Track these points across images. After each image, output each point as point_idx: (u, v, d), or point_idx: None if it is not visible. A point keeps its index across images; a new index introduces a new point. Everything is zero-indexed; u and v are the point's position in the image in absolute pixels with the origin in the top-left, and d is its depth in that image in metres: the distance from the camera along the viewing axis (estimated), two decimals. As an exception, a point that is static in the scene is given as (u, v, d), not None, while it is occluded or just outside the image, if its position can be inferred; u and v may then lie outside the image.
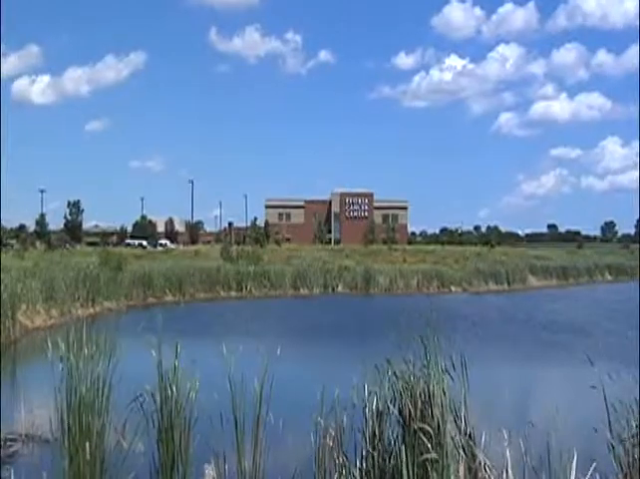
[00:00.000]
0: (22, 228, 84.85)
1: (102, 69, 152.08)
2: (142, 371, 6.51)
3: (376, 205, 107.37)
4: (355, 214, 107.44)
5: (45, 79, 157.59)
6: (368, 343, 14.35)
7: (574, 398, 10.14)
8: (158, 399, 6.16)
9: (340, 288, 35.27)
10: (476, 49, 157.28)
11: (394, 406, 5.42)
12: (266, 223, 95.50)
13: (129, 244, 74.00)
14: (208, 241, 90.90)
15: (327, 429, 5.91)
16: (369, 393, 5.67)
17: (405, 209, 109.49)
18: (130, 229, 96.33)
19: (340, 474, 5.70)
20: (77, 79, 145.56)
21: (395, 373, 5.50)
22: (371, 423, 5.54)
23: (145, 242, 77.25)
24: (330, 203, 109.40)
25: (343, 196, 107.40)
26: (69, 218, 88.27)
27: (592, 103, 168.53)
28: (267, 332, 18.74)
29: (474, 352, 7.01)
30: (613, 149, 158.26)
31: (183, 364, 6.30)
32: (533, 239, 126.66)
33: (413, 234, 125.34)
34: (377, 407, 5.56)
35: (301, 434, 6.46)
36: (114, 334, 6.58)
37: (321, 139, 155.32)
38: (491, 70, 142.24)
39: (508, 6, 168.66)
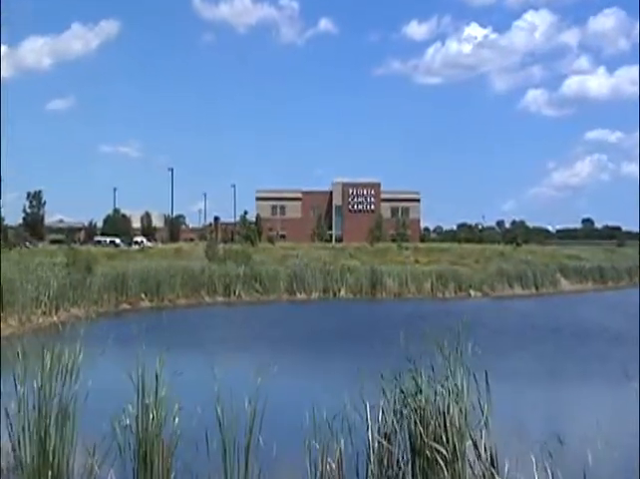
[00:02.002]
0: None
1: (67, 39, 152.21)
2: (115, 389, 6.53)
3: (383, 196, 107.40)
4: (359, 207, 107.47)
5: None
6: (374, 355, 14.36)
7: (611, 418, 10.19)
8: (133, 421, 6.19)
9: (342, 293, 35.28)
10: (499, 16, 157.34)
11: (403, 427, 5.45)
12: (257, 217, 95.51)
13: (99, 243, 73.97)
14: (191, 239, 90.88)
15: (327, 454, 5.94)
16: (374, 412, 5.70)
17: (417, 201, 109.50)
18: (100, 224, 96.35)
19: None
20: (37, 50, 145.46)
21: (403, 390, 5.53)
22: (376, 446, 5.56)
23: (117, 240, 77.19)
24: (331, 194, 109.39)
25: (346, 186, 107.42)
26: (29, 211, 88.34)
27: (634, 78, 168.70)
28: (259, 343, 18.76)
29: (495, 366, 7.04)
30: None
31: (164, 380, 6.33)
32: (566, 235, 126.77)
33: (426, 230, 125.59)
34: (383, 428, 5.58)
35: (298, 460, 6.49)
36: (81, 346, 6.60)
37: (320, 120, 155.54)
38: (518, 40, 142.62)
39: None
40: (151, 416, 6.17)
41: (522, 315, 27.80)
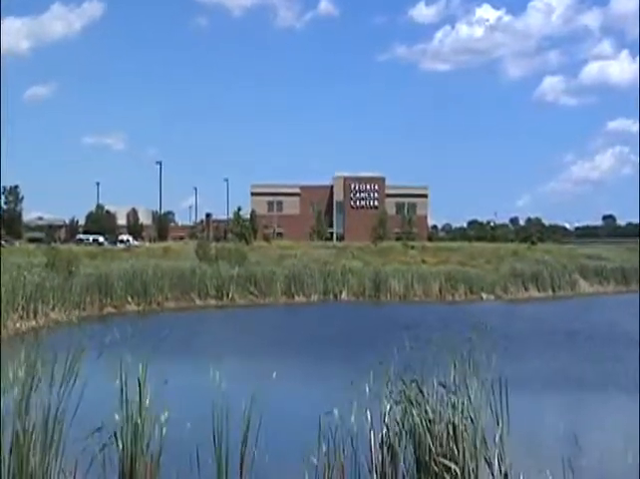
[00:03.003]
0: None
1: (47, 21, 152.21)
2: (99, 399, 6.52)
3: (388, 191, 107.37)
4: (362, 203, 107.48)
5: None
6: (377, 363, 14.27)
7: (634, 430, 10.17)
8: (119, 434, 6.18)
9: (344, 295, 35.31)
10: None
11: (409, 439, 5.43)
12: (252, 214, 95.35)
13: (81, 241, 73.97)
14: (181, 237, 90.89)
15: (328, 469, 5.93)
16: (378, 423, 5.69)
17: (424, 196, 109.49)
18: (82, 221, 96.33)
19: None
20: (15, 33, 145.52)
21: (410, 400, 5.52)
22: (380, 459, 5.55)
23: (101, 239, 77.22)
24: (331, 189, 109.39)
25: (347, 180, 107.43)
26: (5, 207, 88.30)
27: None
28: (254, 350, 18.76)
29: (509, 374, 7.03)
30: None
31: (152, 390, 6.31)
32: (585, 233, 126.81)
33: (434, 227, 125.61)
34: (387, 440, 5.57)
35: (296, 475, 6.48)
36: (61, 353, 6.59)
37: (320, 110, 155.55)
38: (533, 23, 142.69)
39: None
40: (137, 428, 6.16)
41: (538, 320, 27.79)
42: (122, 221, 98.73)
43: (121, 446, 6.17)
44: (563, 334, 22.59)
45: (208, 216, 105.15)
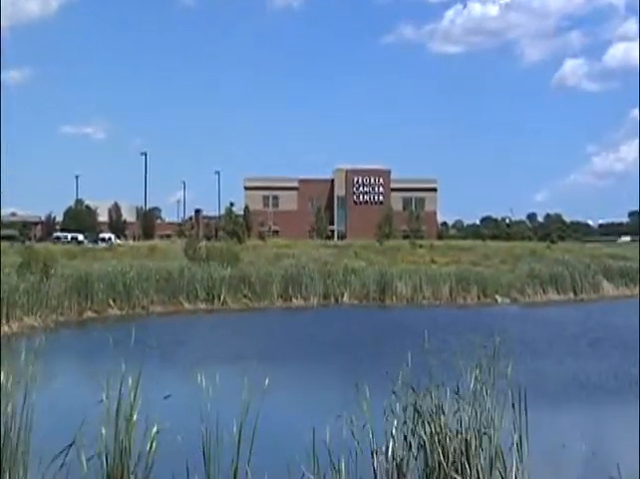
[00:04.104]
0: None
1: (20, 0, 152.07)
2: (78, 411, 6.49)
3: (394, 185, 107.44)
4: (366, 197, 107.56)
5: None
6: (382, 371, 14.25)
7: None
8: (102, 448, 6.15)
9: (346, 298, 35.31)
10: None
11: (417, 454, 5.41)
12: (246, 210, 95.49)
13: (58, 239, 74.02)
14: (168, 235, 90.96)
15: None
16: (383, 436, 5.66)
17: (433, 191, 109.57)
18: (60, 218, 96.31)
19: None
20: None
21: (419, 412, 5.49)
22: (385, 476, 5.54)
23: (80, 237, 77.26)
24: (332, 183, 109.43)
25: (350, 173, 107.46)
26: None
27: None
28: (248, 358, 18.74)
29: (526, 385, 7.00)
30: None
31: (137, 401, 6.29)
32: (610, 231, 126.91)
33: (444, 224, 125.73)
34: (393, 456, 5.55)
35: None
36: (35, 361, 6.56)
37: (320, 97, 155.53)
38: (552, 1, 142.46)
39: None
40: (121, 443, 6.14)
41: (558, 325, 27.76)
42: (103, 217, 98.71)
43: (105, 462, 6.15)
44: (586, 341, 22.58)
45: (198, 212, 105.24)
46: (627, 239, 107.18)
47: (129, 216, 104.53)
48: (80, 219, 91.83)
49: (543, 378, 16.25)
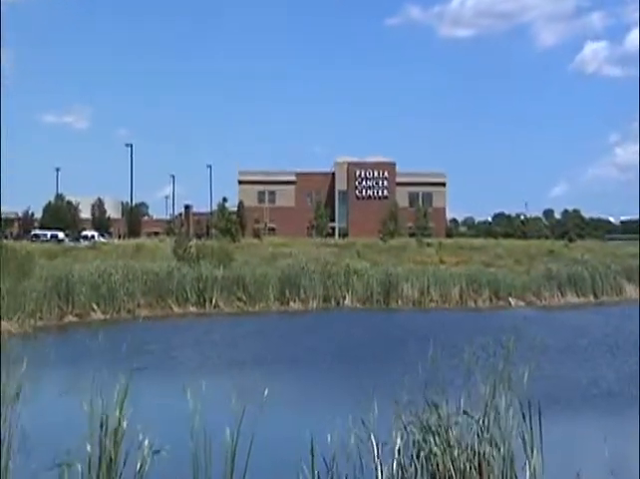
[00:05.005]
0: None
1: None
2: (58, 424, 6.51)
3: (399, 179, 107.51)
4: (369, 192, 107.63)
5: None
6: (386, 380, 14.29)
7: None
8: (85, 465, 6.18)
9: (348, 301, 35.37)
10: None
11: (424, 471, 5.44)
12: (240, 206, 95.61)
13: (37, 237, 74.06)
14: (155, 233, 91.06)
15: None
16: (386, 450, 5.69)
17: (442, 185, 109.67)
18: (39, 214, 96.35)
19: None
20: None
21: (427, 425, 5.52)
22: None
23: (61, 235, 77.31)
24: (333, 176, 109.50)
25: (352, 166, 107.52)
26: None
27: None
28: (242, 366, 18.78)
29: (542, 395, 7.02)
30: None
31: (123, 413, 6.31)
32: (632, 228, 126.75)
33: (453, 221, 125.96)
34: (398, 473, 5.58)
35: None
36: (12, 370, 6.58)
37: (320, 84, 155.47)
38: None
39: None
40: (108, 459, 6.16)
41: (577, 330, 27.78)
42: (85, 213, 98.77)
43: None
44: (607, 348, 22.61)
45: (188, 208, 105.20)
46: None
47: (113, 212, 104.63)
48: (60, 215, 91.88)
49: (560, 387, 16.28)
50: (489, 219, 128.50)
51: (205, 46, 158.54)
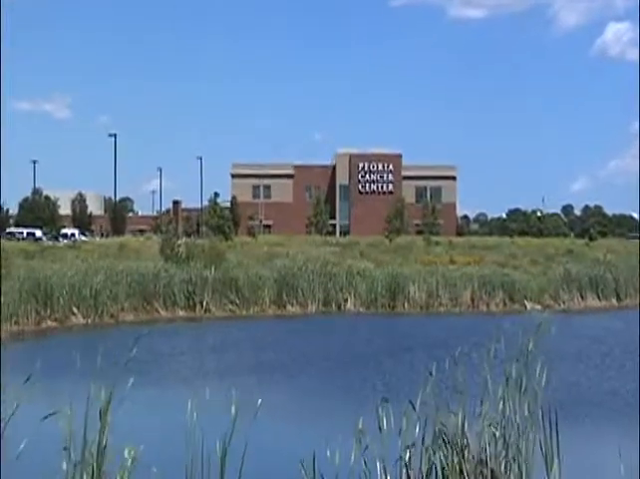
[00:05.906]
0: None
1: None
2: (36, 439, 6.50)
3: (406, 173, 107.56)
4: (373, 187, 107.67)
5: None
6: (392, 389, 14.31)
7: None
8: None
9: (350, 305, 35.35)
10: None
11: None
12: (233, 201, 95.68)
13: (12, 235, 74.04)
14: (141, 231, 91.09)
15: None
16: (395, 464, 5.71)
17: (452, 179, 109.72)
18: (14, 210, 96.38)
19: None
20: None
21: (439, 436, 5.52)
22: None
23: (38, 232, 77.30)
24: (334, 169, 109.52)
25: (354, 158, 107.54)
26: None
27: None
28: (235, 375, 18.78)
29: (561, 404, 7.02)
30: None
31: (106, 426, 6.32)
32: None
33: (465, 218, 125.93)
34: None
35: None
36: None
37: (320, 70, 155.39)
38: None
39: None
40: (88, 474, 6.17)
41: (598, 336, 27.80)
42: (65, 210, 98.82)
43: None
44: (630, 355, 22.62)
45: (177, 203, 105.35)
46: None
47: (95, 208, 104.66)
48: (38, 211, 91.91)
49: (579, 396, 16.29)
50: (504, 215, 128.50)
51: (195, 28, 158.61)
